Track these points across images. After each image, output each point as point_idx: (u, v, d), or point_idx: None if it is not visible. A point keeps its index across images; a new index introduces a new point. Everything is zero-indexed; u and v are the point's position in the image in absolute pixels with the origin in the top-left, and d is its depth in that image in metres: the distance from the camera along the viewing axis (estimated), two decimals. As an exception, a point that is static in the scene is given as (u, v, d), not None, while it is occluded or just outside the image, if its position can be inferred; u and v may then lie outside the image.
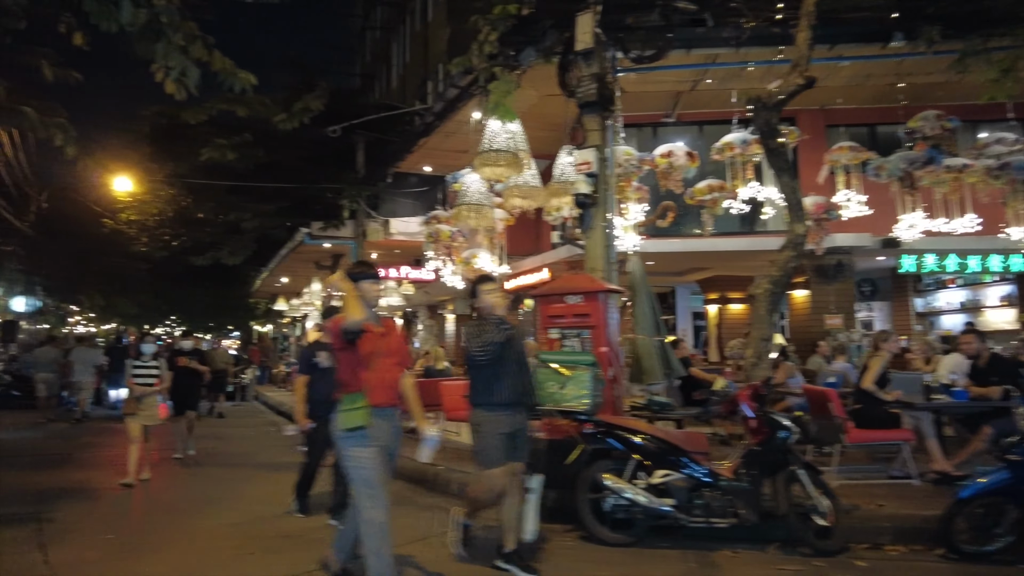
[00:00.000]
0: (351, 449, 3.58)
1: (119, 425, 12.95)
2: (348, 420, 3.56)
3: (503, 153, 8.94)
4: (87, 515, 5.69)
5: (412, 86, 18.94)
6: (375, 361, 3.66)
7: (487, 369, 4.14)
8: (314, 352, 5.56)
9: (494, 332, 4.10)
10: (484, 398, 4.19)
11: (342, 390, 3.66)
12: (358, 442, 3.57)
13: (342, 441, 3.62)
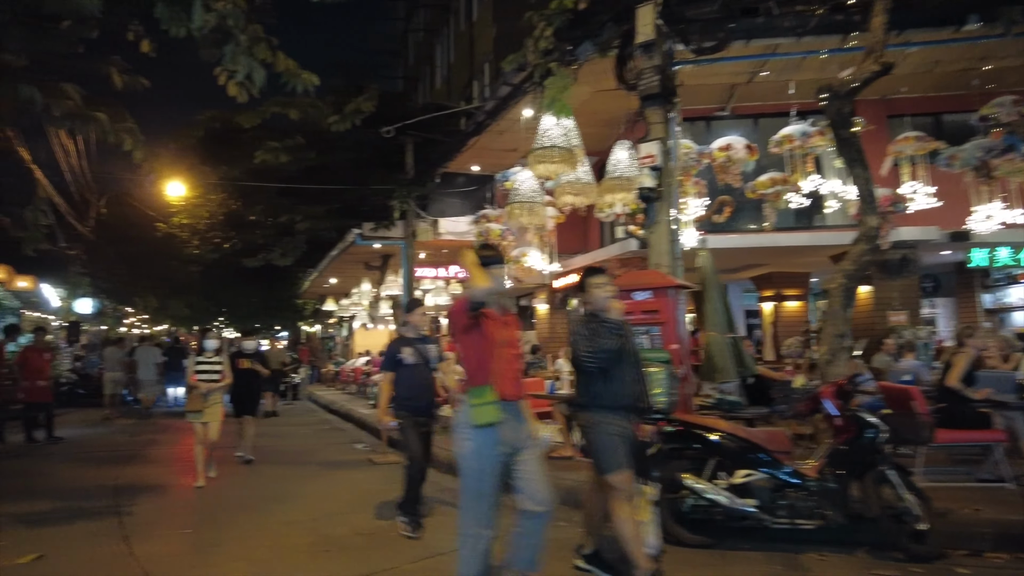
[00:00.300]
0: (473, 448, 3.30)
1: (180, 422, 13.45)
2: (478, 416, 3.27)
3: (557, 149, 8.88)
4: (162, 510, 5.81)
5: (457, 86, 18.98)
6: (500, 350, 3.39)
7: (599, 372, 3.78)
8: (398, 348, 5.34)
9: (608, 337, 3.70)
10: (596, 400, 3.81)
11: (467, 382, 3.42)
12: (484, 441, 3.29)
13: (466, 438, 3.33)
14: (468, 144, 11.66)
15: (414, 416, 5.25)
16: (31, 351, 9.57)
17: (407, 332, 5.52)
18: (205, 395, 6.88)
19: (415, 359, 5.27)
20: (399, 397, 5.28)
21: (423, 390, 5.35)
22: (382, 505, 5.96)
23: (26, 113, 7.06)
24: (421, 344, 5.39)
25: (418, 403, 5.29)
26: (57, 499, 6.15)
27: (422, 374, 5.33)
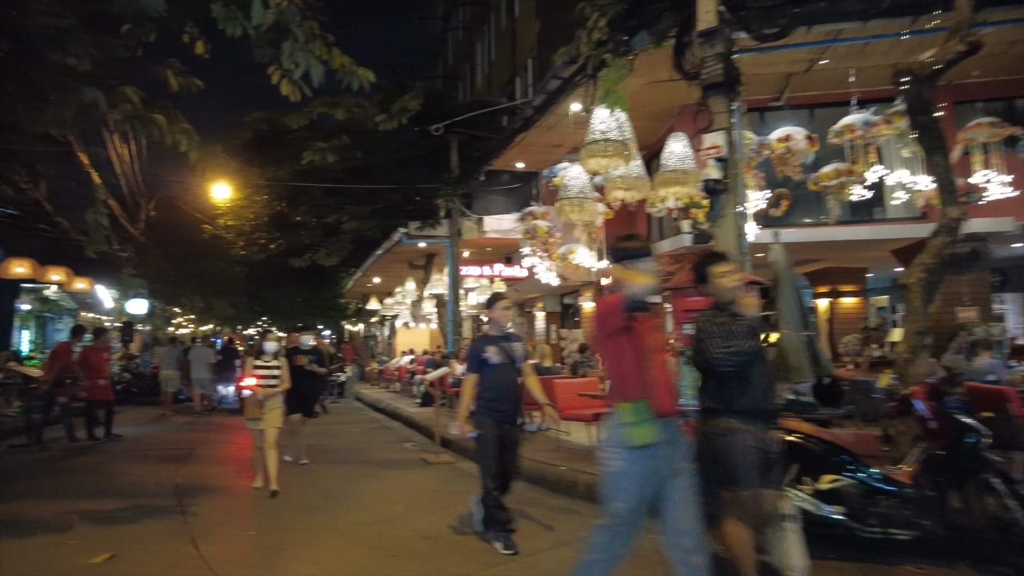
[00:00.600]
0: (624, 471, 2.92)
1: (231, 420, 13.65)
2: (632, 435, 2.90)
3: (611, 143, 8.67)
4: (225, 511, 5.80)
5: (499, 84, 18.86)
6: (653, 357, 2.98)
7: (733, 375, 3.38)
8: (483, 347, 4.81)
9: (743, 336, 3.33)
10: (731, 405, 3.37)
11: (616, 395, 3.04)
12: (637, 465, 2.90)
13: (617, 460, 2.95)
14: (515, 141, 11.51)
15: (498, 422, 4.74)
16: (93, 351, 9.76)
17: (490, 329, 5.02)
18: (262, 401, 6.49)
19: (500, 358, 4.77)
20: (482, 400, 4.77)
21: (508, 393, 4.85)
22: (443, 508, 5.86)
23: (88, 117, 7.16)
24: (506, 342, 4.87)
25: (503, 407, 4.80)
26: (122, 497, 6.19)
27: (508, 375, 4.83)
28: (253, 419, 6.46)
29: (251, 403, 6.50)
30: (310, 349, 8.34)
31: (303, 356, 8.02)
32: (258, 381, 6.49)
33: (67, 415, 9.51)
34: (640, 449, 2.89)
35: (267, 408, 6.48)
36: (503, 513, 4.73)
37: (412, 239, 13.91)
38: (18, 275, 12.22)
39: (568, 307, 17.81)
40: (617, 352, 3.02)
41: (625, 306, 2.92)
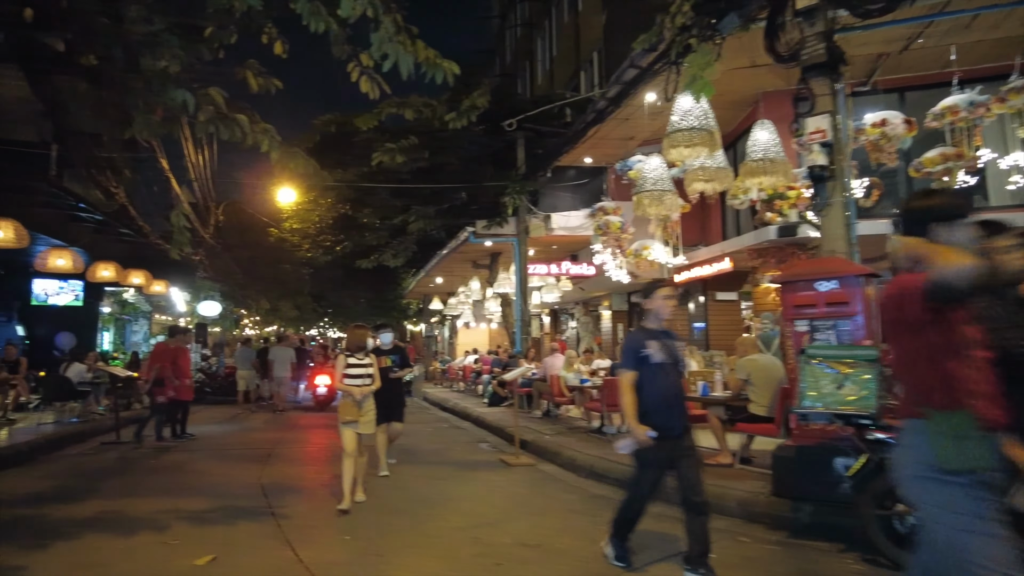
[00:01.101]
0: (945, 503, 2.23)
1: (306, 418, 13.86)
2: (952, 456, 2.23)
3: (697, 132, 8.32)
4: (315, 514, 5.70)
5: (561, 80, 18.58)
6: (970, 355, 2.27)
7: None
8: (642, 341, 4.11)
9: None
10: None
11: (922, 402, 2.34)
12: (964, 495, 2.20)
13: (933, 488, 2.27)
14: (588, 134, 11.22)
15: (662, 434, 3.94)
16: (180, 351, 9.94)
17: (648, 322, 4.26)
18: (359, 402, 5.96)
19: (663, 356, 4.04)
20: (644, 405, 4.00)
21: (673, 399, 4.08)
22: (537, 513, 5.65)
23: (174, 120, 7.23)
24: (667, 339, 4.15)
25: (668, 417, 4.00)
26: (213, 497, 6.20)
27: (671, 377, 4.08)
28: (349, 421, 5.93)
29: (348, 404, 5.98)
30: (392, 348, 7.55)
31: (385, 357, 7.31)
32: (350, 381, 6.01)
33: (158, 414, 9.70)
34: (964, 474, 2.22)
35: (364, 410, 6.02)
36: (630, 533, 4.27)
37: (479, 238, 13.76)
38: (104, 278, 12.63)
39: (635, 305, 17.39)
40: (915, 348, 2.36)
41: (932, 294, 2.22)
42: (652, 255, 11.58)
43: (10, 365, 11.75)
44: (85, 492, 6.47)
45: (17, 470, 7.85)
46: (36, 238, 10.55)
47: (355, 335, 6.37)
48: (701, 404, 7.01)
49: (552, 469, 7.74)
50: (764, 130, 8.89)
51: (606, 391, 8.49)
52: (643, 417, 3.95)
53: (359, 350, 6.20)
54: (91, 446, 9.66)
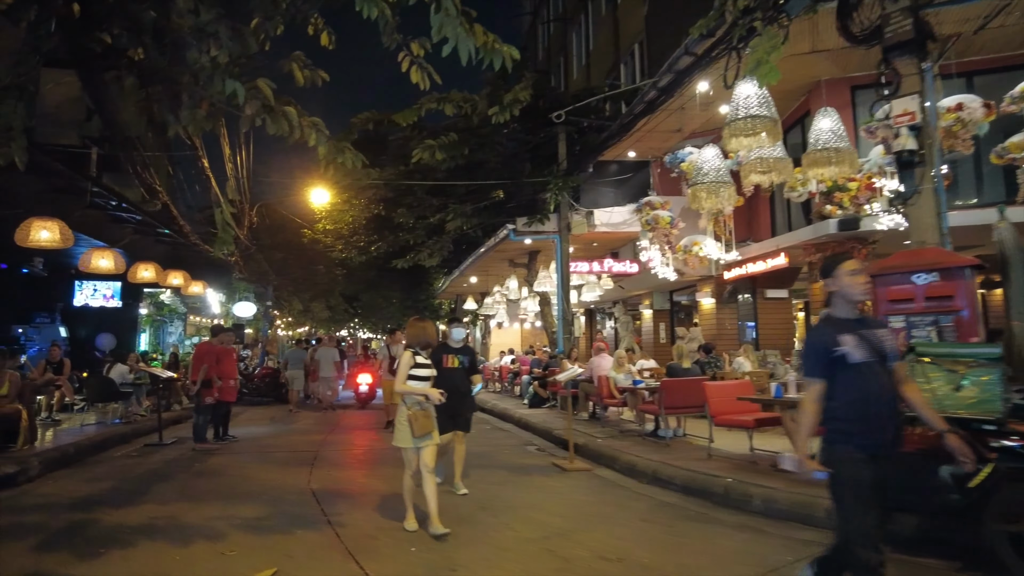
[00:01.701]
0: None
1: (347, 418, 13.72)
2: None
3: (760, 119, 7.94)
4: (373, 522, 5.43)
5: (599, 74, 18.19)
6: None
7: None
8: (833, 337, 3.08)
9: None
10: None
11: None
12: None
13: None
14: (637, 126, 10.84)
15: (869, 456, 2.99)
16: (223, 351, 9.78)
17: (836, 309, 3.24)
18: (421, 407, 5.08)
19: (864, 353, 3.04)
20: (838, 422, 3.05)
21: (883, 407, 3.03)
22: (605, 523, 5.31)
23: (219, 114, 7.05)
24: (865, 328, 3.13)
25: (877, 431, 3.01)
26: (265, 503, 5.98)
27: (879, 379, 3.04)
28: (423, 435, 4.99)
29: (421, 416, 4.97)
30: (462, 347, 6.46)
31: (453, 356, 6.32)
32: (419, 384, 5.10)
33: (204, 415, 9.55)
34: None
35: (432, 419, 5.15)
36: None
37: (519, 235, 13.46)
38: (144, 279, 12.59)
39: (676, 304, 16.94)
40: None
41: None
42: (704, 251, 11.18)
43: (55, 366, 11.74)
44: (135, 496, 6.29)
45: (64, 472, 7.74)
46: (78, 239, 10.49)
47: (423, 329, 5.37)
48: (774, 407, 6.60)
49: (610, 474, 7.39)
50: (827, 118, 8.46)
51: (664, 393, 8.11)
52: (842, 437, 3.01)
53: (426, 347, 5.38)
54: (135, 448, 9.56)
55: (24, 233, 8.61)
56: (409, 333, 5.40)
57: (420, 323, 5.43)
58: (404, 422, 5.03)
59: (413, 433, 4.97)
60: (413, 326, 5.41)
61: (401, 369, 5.15)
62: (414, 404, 5.06)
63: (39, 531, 5.08)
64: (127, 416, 11.51)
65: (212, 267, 19.39)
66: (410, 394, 5.10)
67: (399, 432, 5.06)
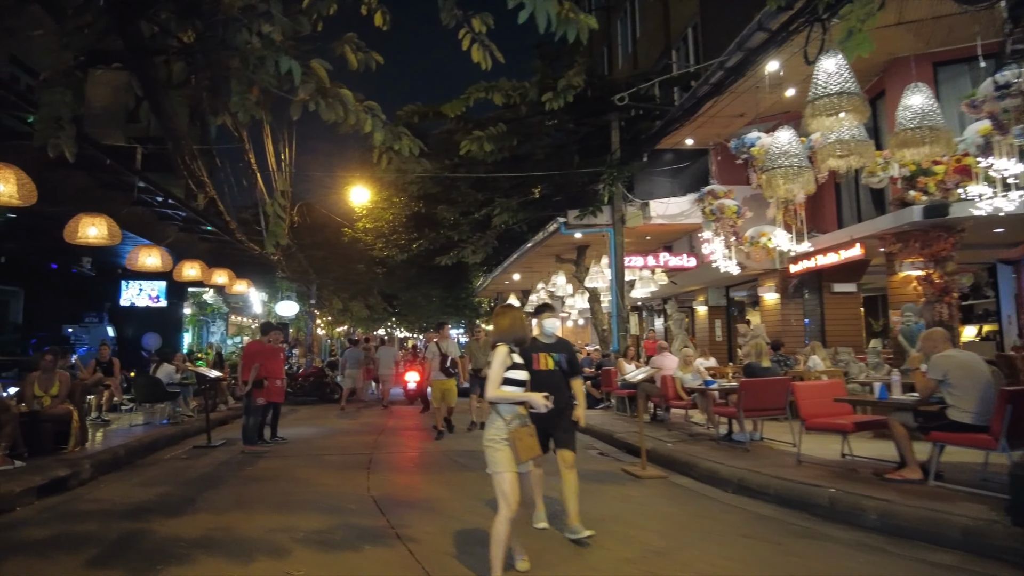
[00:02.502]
0: None
1: (402, 413, 13.39)
2: None
3: (848, 97, 7.29)
4: (446, 535, 4.96)
5: (647, 61, 17.55)
6: None
7: None
8: None
9: None
10: None
11: None
12: None
13: None
14: (701, 110, 10.21)
15: None
16: (273, 350, 9.47)
17: None
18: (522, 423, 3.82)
19: None
20: None
21: None
22: (705, 539, 4.77)
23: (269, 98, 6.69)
24: None
25: None
26: (325, 512, 5.58)
27: None
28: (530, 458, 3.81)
29: (524, 435, 3.74)
30: (556, 342, 5.00)
31: (546, 355, 4.88)
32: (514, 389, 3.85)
33: (255, 416, 9.25)
34: None
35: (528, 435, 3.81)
36: None
37: (570, 229, 12.91)
38: (189, 277, 12.39)
39: (732, 301, 16.21)
40: None
41: None
42: (773, 242, 10.51)
43: (104, 366, 11.61)
44: (188, 503, 5.95)
45: (115, 475, 7.48)
46: (125, 237, 10.30)
47: (517, 319, 4.10)
48: (881, 409, 5.96)
49: (688, 482, 6.83)
50: (919, 94, 7.74)
51: (744, 394, 7.50)
52: None
53: (521, 343, 4.10)
54: (183, 450, 9.31)
55: (72, 230, 8.40)
56: (499, 325, 4.10)
57: (511, 311, 4.18)
58: (500, 441, 3.75)
59: (518, 456, 3.73)
60: (505, 314, 4.14)
61: (494, 370, 3.88)
62: (514, 417, 3.79)
63: (93, 543, 4.75)
64: (174, 417, 11.33)
65: (255, 266, 19.29)
66: (507, 402, 3.83)
67: (495, 455, 3.75)
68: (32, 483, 6.21)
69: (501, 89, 11.92)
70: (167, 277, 16.01)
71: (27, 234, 12.04)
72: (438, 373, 10.36)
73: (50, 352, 8.23)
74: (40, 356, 8.28)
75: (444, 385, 10.37)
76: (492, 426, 3.82)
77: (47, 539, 4.86)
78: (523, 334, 4.15)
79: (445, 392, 10.36)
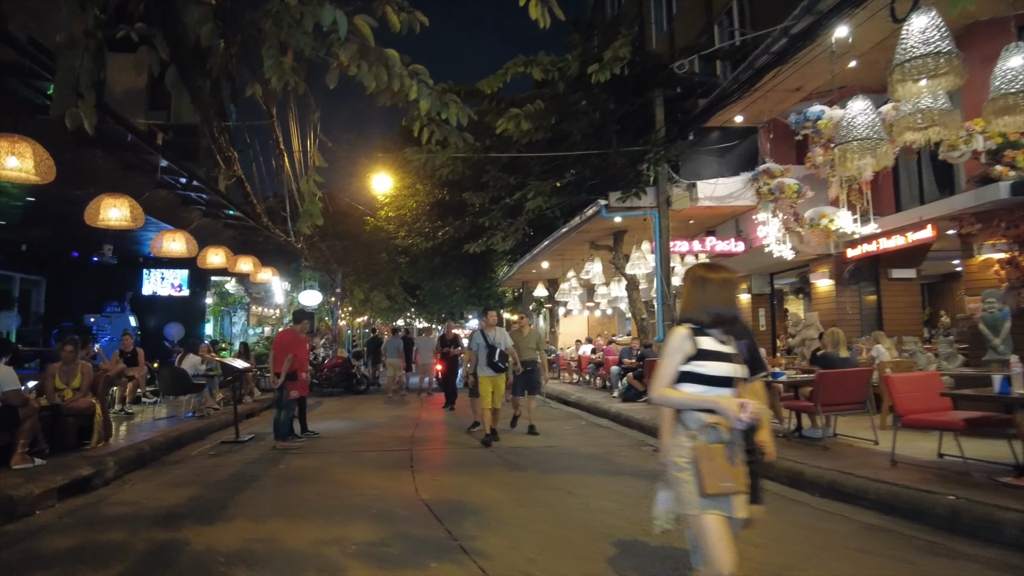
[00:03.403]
0: None
1: (435, 409, 12.85)
2: None
3: (945, 57, 6.58)
4: (521, 550, 4.35)
5: (685, 38, 16.74)
6: None
7: None
8: None
9: None
10: None
11: None
12: None
13: None
14: (760, 82, 9.47)
15: None
16: (300, 340, 8.92)
17: None
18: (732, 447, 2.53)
19: None
20: None
21: None
22: (819, 555, 4.13)
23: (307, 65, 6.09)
24: None
25: None
26: (376, 520, 5.01)
27: None
28: (719, 495, 2.47)
29: (717, 454, 2.50)
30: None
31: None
32: (718, 390, 2.58)
33: (287, 410, 8.73)
34: None
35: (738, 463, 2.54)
36: None
37: (612, 212, 12.21)
38: (214, 265, 11.88)
39: (775, 290, 15.44)
40: None
41: None
42: (835, 224, 9.77)
43: (127, 356, 11.15)
44: (223, 509, 5.42)
45: (141, 474, 6.99)
46: (147, 222, 9.78)
47: (719, 284, 2.69)
48: (1006, 406, 5.26)
49: (771, 486, 6.17)
50: (1020, 55, 6.98)
51: (824, 387, 6.82)
52: None
53: (725, 322, 2.67)
54: (211, 445, 8.83)
55: (94, 211, 7.88)
56: (691, 295, 2.73)
57: (714, 272, 2.73)
58: (685, 468, 2.52)
59: (702, 487, 2.45)
60: (703, 277, 2.71)
61: (666, 361, 2.63)
62: (703, 430, 2.54)
63: (121, 555, 4.21)
64: (200, 410, 10.85)
65: (279, 254, 18.82)
66: (685, 407, 2.59)
67: (682, 488, 2.52)
68: (53, 483, 5.71)
69: (540, 64, 11.26)
70: (190, 265, 15.56)
71: (48, 220, 11.58)
72: (485, 367, 8.88)
73: (71, 342, 7.73)
74: (61, 346, 7.79)
75: (493, 382, 8.91)
76: (674, 443, 2.61)
77: (70, 551, 4.34)
78: (728, 308, 2.66)
79: (495, 389, 8.92)
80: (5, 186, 9.15)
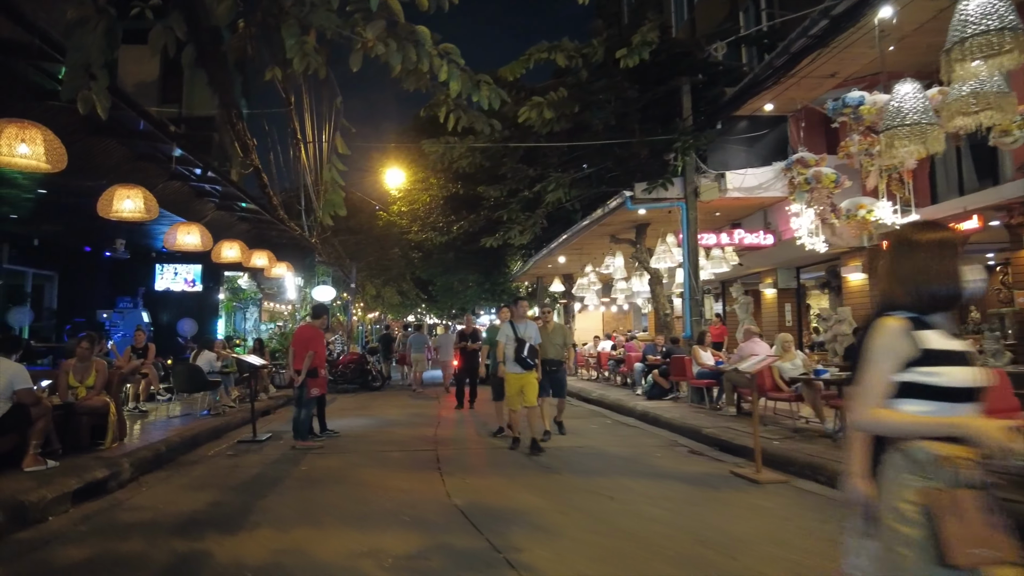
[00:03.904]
0: None
1: (443, 406, 12.52)
2: None
3: (1010, 33, 6.17)
4: (569, 563, 4.02)
5: (708, 27, 16.30)
6: None
7: None
8: None
9: None
10: None
11: None
12: None
13: None
14: (797, 67, 9.06)
15: None
16: (318, 336, 8.61)
17: None
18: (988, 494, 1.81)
19: None
20: None
21: None
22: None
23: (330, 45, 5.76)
24: None
25: None
26: (410, 528, 4.69)
27: None
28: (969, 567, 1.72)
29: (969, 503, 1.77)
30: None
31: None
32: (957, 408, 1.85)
33: (308, 408, 8.42)
34: None
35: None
36: None
37: (637, 203, 11.82)
38: (228, 259, 11.59)
39: (801, 285, 15.04)
40: None
41: None
42: (875, 215, 9.35)
43: (139, 352, 10.89)
44: (245, 513, 5.11)
45: (156, 475, 6.70)
46: (161, 214, 9.50)
47: (936, 253, 1.94)
48: None
49: (817, 488, 5.83)
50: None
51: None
52: None
53: (940, 305, 1.94)
54: (228, 445, 8.54)
55: (107, 203, 7.59)
56: (895, 268, 2.00)
57: (926, 233, 1.99)
58: (914, 522, 1.80)
59: (945, 553, 1.72)
60: (907, 241, 2.00)
61: (874, 369, 1.91)
62: (937, 467, 1.81)
63: (140, 568, 3.91)
64: (215, 407, 10.58)
65: (292, 249, 18.54)
66: (920, 436, 1.85)
67: (905, 548, 1.79)
68: (67, 487, 5.42)
69: (564, 49, 10.89)
70: (203, 260, 15.31)
71: (60, 213, 11.33)
72: (513, 364, 8.04)
73: (86, 338, 7.44)
74: (76, 343, 7.51)
75: (521, 380, 7.98)
76: (895, 482, 1.86)
77: (85, 562, 4.04)
78: (950, 283, 1.93)
79: (523, 388, 7.97)
80: (16, 176, 8.88)
